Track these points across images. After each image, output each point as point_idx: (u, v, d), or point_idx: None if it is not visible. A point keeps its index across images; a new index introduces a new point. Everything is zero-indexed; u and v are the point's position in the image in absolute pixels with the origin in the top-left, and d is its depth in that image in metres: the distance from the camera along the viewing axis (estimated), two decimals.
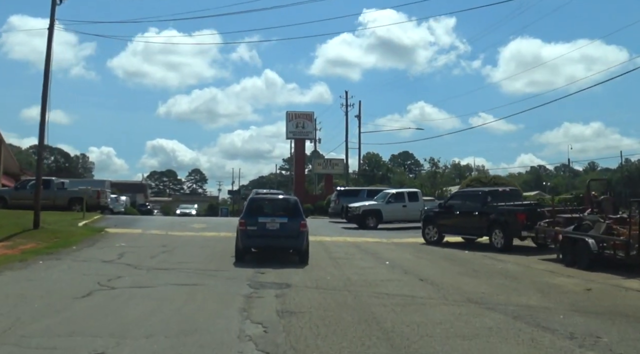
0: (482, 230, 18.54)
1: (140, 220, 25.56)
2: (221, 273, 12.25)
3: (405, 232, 25.04)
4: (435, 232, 20.33)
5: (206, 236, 20.22)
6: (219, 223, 25.59)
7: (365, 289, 10.44)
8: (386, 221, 27.05)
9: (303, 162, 47.01)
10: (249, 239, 14.10)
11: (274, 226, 14.09)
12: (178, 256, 14.97)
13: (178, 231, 21.21)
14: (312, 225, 28.27)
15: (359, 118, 53.24)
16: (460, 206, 19.54)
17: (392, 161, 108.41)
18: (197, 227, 23.31)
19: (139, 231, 20.75)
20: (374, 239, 21.63)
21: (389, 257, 15.95)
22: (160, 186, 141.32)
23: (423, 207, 27.07)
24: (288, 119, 45.42)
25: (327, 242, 19.64)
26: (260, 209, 14.91)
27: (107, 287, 10.19)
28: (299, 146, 45.59)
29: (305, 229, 14.23)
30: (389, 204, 26.91)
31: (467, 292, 10.26)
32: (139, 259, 14.06)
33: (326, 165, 45.64)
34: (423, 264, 14.70)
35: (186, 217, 37.86)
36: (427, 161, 57.33)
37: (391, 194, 27.40)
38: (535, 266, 14.32)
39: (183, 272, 12.26)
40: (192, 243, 18.07)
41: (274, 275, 12.05)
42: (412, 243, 20.65)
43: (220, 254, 15.62)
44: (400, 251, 17.92)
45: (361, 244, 19.46)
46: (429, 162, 55.66)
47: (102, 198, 27.23)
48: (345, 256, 15.89)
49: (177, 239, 19.08)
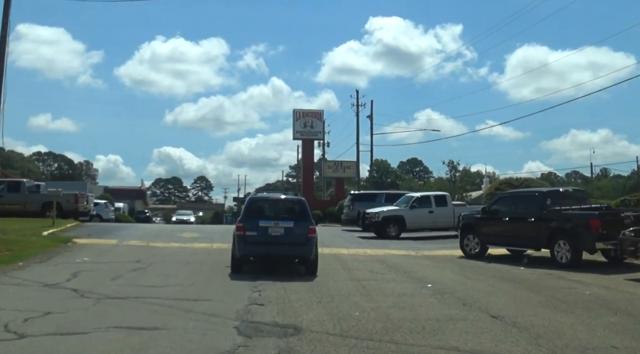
0: (541, 241, 14.71)
1: (123, 228, 21.91)
2: (200, 305, 8.51)
3: (434, 243, 21.24)
4: (476, 243, 16.52)
5: (195, 248, 16.50)
6: (214, 232, 21.88)
7: (420, 338, 6.66)
8: (410, 229, 23.25)
9: (312, 164, 43.19)
10: (248, 246, 11.89)
11: (277, 232, 11.95)
12: (150, 277, 11.26)
13: (162, 242, 17.51)
14: (323, 234, 24.51)
15: (370, 119, 49.52)
16: (509, 210, 15.72)
17: (401, 167, 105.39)
18: (187, 236, 19.60)
19: (114, 241, 17.07)
20: (399, 251, 17.84)
21: (428, 277, 12.18)
22: (165, 193, 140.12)
23: (453, 213, 23.31)
24: (295, 117, 41.56)
25: (344, 256, 15.88)
26: (262, 211, 12.70)
27: (13, 335, 6.48)
28: (307, 147, 41.80)
29: (314, 236, 12.17)
30: (413, 209, 23.10)
31: (584, 345, 6.45)
32: (94, 282, 10.37)
33: (337, 168, 41.81)
34: (479, 288, 10.89)
35: (181, 225, 33.77)
36: (444, 164, 53.28)
37: (415, 198, 23.58)
38: (637, 292, 10.48)
39: (146, 304, 8.53)
40: (175, 257, 14.35)
41: (277, 306, 8.38)
42: (447, 257, 16.85)
43: (207, 273, 11.91)
44: (438, 267, 14.13)
45: (386, 259, 15.69)
46: (447, 165, 51.71)
47: (81, 203, 23.59)
48: (372, 276, 12.12)
49: (158, 252, 15.37)
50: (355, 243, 20.14)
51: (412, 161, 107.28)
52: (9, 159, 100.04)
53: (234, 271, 11.97)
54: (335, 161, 42.88)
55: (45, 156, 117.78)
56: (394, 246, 19.36)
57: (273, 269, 12.40)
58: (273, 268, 12.58)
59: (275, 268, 12.56)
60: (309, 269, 12.09)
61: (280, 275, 11.64)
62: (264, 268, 12.55)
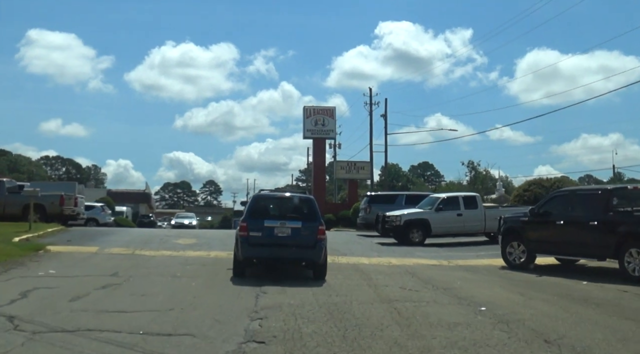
0: (606, 249, 12.02)
1: (112, 233, 19.44)
2: (175, 345, 5.97)
3: (464, 250, 18.59)
4: (522, 251, 13.88)
5: (188, 257, 13.96)
6: (214, 238, 19.35)
7: None
8: (435, 234, 20.60)
9: (323, 165, 40.44)
10: (252, 248, 11.03)
11: (284, 233, 11.11)
12: (121, 297, 8.74)
13: (151, 250, 14.99)
14: (337, 240, 21.89)
15: (385, 117, 46.82)
16: (564, 212, 13.04)
17: (412, 171, 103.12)
18: (183, 243, 17.08)
19: (94, 249, 14.57)
20: (428, 260, 15.22)
21: (477, 296, 9.57)
22: (174, 197, 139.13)
23: (483, 216, 20.65)
24: (306, 115, 38.57)
25: (365, 268, 13.29)
26: (267, 210, 11.86)
27: None
28: (319, 146, 39.14)
29: (323, 237, 11.35)
30: (439, 212, 20.44)
31: None
32: (45, 305, 7.88)
33: (349, 169, 39.07)
34: (550, 313, 8.26)
35: (179, 230, 30.36)
36: (463, 164, 50.16)
37: (442, 200, 20.90)
38: None
39: (98, 341, 6.01)
40: (162, 269, 11.82)
41: (283, 347, 5.89)
42: (487, 267, 14.23)
43: (196, 291, 9.37)
44: (483, 282, 11.50)
45: (416, 270, 13.08)
46: (467, 165, 48.72)
47: (67, 205, 21.17)
48: (406, 295, 9.53)
49: (142, 262, 12.86)
50: (375, 251, 17.53)
51: (424, 164, 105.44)
52: (16, 163, 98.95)
53: (236, 275, 11.10)
54: (349, 162, 40.05)
55: (53, 160, 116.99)
56: (421, 254, 16.74)
57: (278, 276, 11.22)
58: (278, 272, 11.59)
59: (281, 274, 11.44)
60: (317, 274, 11.24)
61: (287, 284, 9.55)
62: (268, 273, 11.46)
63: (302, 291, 9.60)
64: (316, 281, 10.85)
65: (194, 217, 49.14)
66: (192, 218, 47.89)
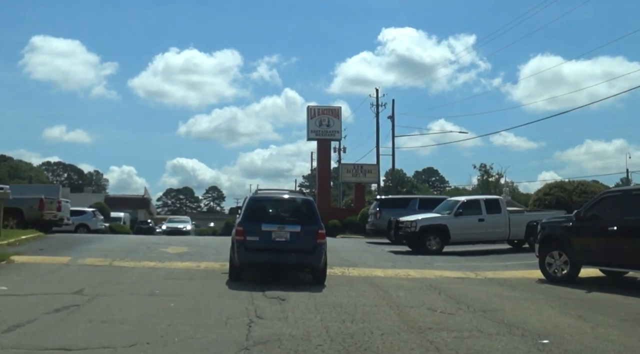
0: None
1: (93, 241, 17.42)
2: None
3: (488, 259, 16.58)
4: (564, 261, 11.85)
5: (174, 269, 11.96)
6: (209, 245, 17.33)
7: None
8: (454, 241, 18.55)
9: (328, 168, 38.18)
10: (249, 253, 10.58)
11: (282, 237, 10.71)
12: (74, 324, 6.75)
13: (133, 260, 13.00)
14: (346, 248, 19.80)
15: (392, 119, 44.97)
16: (617, 216, 11.00)
17: (416, 177, 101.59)
18: (172, 252, 15.07)
19: (66, 259, 12.57)
20: (452, 272, 13.19)
21: (526, 320, 7.59)
22: (176, 203, 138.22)
23: (507, 221, 18.64)
24: (310, 115, 36.01)
25: (382, 282, 11.27)
26: (264, 212, 11.41)
27: None
28: (323, 148, 36.87)
29: (323, 241, 10.93)
30: (458, 217, 18.40)
31: None
32: None
33: (356, 172, 36.93)
34: (632, 347, 6.25)
35: (172, 237, 26.60)
36: (475, 168, 47.80)
37: (461, 203, 18.84)
38: None
39: None
40: (139, 285, 9.83)
41: None
42: (522, 280, 12.22)
43: (173, 315, 7.36)
44: (527, 301, 9.47)
45: (441, 285, 11.07)
46: (479, 169, 46.39)
47: (48, 209, 19.22)
48: (438, 321, 7.51)
49: (118, 275, 10.87)
50: (389, 261, 15.50)
51: (428, 170, 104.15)
52: (17, 168, 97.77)
53: (232, 279, 10.65)
54: (355, 164, 37.76)
55: (54, 166, 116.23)
56: (442, 265, 14.73)
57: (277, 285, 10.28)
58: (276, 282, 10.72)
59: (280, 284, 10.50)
60: (316, 278, 10.87)
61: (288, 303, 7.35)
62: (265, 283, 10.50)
63: (306, 315, 7.62)
64: (319, 287, 10.13)
65: (188, 221, 43.13)
66: (187, 223, 41.90)
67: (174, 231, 36.66)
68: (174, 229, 37.90)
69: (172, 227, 39.17)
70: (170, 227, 39.06)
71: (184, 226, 39.73)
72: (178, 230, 37.45)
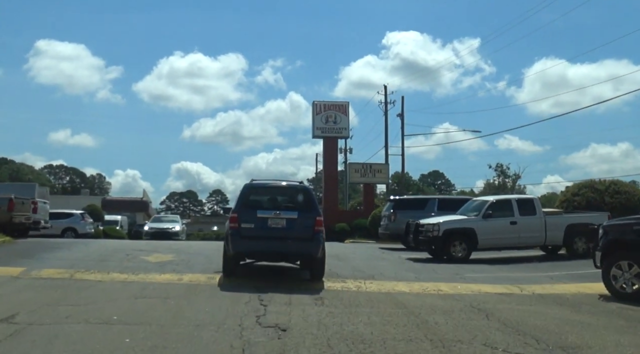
0: None
1: (66, 247, 15.03)
2: None
3: (527, 269, 14.22)
4: (634, 274, 9.47)
5: (149, 284, 9.58)
6: (200, 252, 14.95)
7: None
8: (483, 247, 16.18)
9: (335, 167, 35.52)
10: (243, 241, 10.00)
11: (278, 224, 10.16)
12: None
13: (102, 272, 10.63)
14: (358, 255, 17.15)
15: (401, 117, 42.47)
16: None
17: (422, 180, 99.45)
18: (154, 260, 12.71)
19: (17, 271, 10.20)
20: (491, 286, 10.80)
21: None
22: (180, 207, 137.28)
23: (544, 224, 16.26)
24: (315, 111, 33.26)
25: (409, 300, 8.90)
26: (260, 200, 10.88)
27: None
28: (330, 146, 33.76)
29: (321, 229, 10.32)
30: (487, 219, 16.00)
31: None
32: None
33: (365, 172, 34.46)
34: None
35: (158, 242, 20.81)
36: (490, 168, 44.97)
37: (490, 204, 16.42)
38: None
39: None
40: (95, 308, 7.48)
41: None
42: (579, 296, 9.89)
43: None
44: (610, 329, 7.10)
45: (485, 305, 8.70)
46: (495, 169, 43.70)
47: (20, 211, 16.90)
48: None
49: (73, 294, 8.52)
50: (411, 271, 13.12)
51: (434, 173, 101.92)
52: (18, 171, 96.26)
53: (226, 274, 10.27)
54: (364, 164, 35.23)
55: (56, 169, 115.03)
56: (474, 276, 12.36)
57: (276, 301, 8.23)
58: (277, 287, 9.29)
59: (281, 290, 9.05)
60: (314, 272, 10.49)
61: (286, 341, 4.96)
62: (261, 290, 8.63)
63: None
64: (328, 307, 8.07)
65: (177, 221, 33.50)
66: (175, 222, 32.47)
67: (158, 233, 28.83)
68: (158, 231, 29.53)
69: (156, 228, 30.43)
70: (154, 228, 30.34)
71: (171, 226, 30.94)
72: (163, 232, 29.31)
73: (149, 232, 29.94)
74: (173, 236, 28.78)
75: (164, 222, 32.24)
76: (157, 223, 32.13)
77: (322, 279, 10.55)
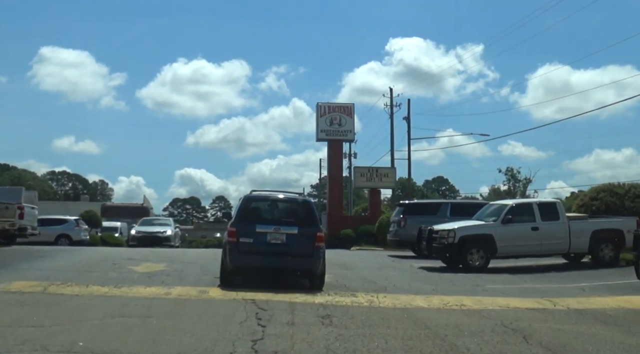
0: None
1: (50, 256, 13.76)
2: None
3: (553, 278, 13.03)
4: None
5: (132, 299, 8.37)
6: (194, 261, 13.72)
7: None
8: (502, 255, 14.94)
9: (340, 171, 34.15)
10: (242, 256, 9.86)
11: (278, 239, 9.98)
12: None
13: (80, 284, 9.44)
14: (367, 263, 15.58)
15: (407, 120, 41.18)
16: None
17: (426, 186, 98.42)
18: (142, 270, 11.50)
19: None
20: (520, 300, 9.57)
21: None
22: (183, 213, 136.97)
23: (567, 230, 15.01)
24: (319, 113, 31.71)
25: (430, 317, 7.69)
26: (259, 213, 10.64)
27: None
28: (335, 149, 32.18)
29: (321, 245, 10.20)
30: (506, 225, 14.77)
31: None
32: None
33: (371, 176, 33.17)
34: None
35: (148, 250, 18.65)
36: (500, 172, 43.35)
37: (510, 208, 15.17)
38: None
39: None
40: (60, 330, 6.29)
41: None
42: (626, 313, 8.66)
43: None
44: None
45: (519, 324, 7.49)
46: (505, 173, 42.16)
47: (3, 217, 15.75)
48: None
49: (43, 310, 7.33)
50: (427, 282, 11.90)
51: (438, 179, 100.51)
52: (20, 177, 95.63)
53: (224, 284, 9.90)
54: (370, 168, 33.95)
55: (59, 175, 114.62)
56: (497, 288, 11.13)
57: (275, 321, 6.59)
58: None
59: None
60: (314, 283, 10.18)
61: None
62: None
63: None
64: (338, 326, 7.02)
65: (170, 224, 29.51)
66: (167, 225, 28.40)
67: (146, 238, 25.14)
68: (147, 235, 25.73)
69: (144, 232, 26.40)
70: (142, 233, 26.35)
71: (162, 230, 26.76)
72: (152, 236, 25.42)
73: (135, 236, 26.05)
74: (164, 242, 25.27)
75: (154, 226, 28.13)
76: (146, 226, 27.94)
77: (330, 293, 9.42)
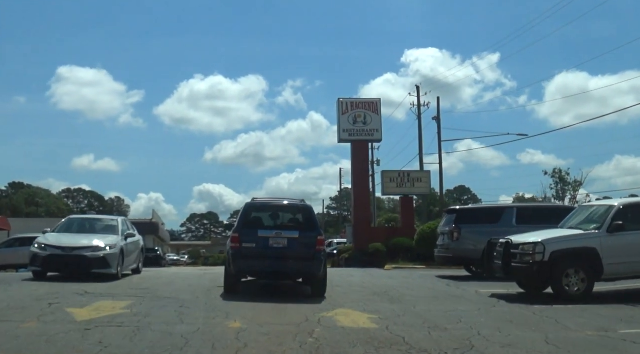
0: None
1: None
2: None
3: None
4: None
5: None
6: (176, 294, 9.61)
7: None
8: (608, 276, 10.61)
9: (367, 175, 29.61)
10: (245, 261, 10.28)
11: (279, 243, 10.33)
12: None
13: None
14: (414, 292, 10.82)
15: (437, 120, 37.12)
16: None
17: (448, 196, 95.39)
18: (84, 316, 7.09)
19: None
20: None
21: None
22: (201, 229, 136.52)
23: None
24: (341, 110, 27.11)
25: None
26: (261, 219, 11.07)
27: None
28: (360, 151, 27.66)
29: (322, 248, 10.60)
30: (614, 234, 10.45)
31: None
32: None
33: (402, 181, 28.70)
34: None
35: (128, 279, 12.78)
36: (546, 174, 38.79)
37: (617, 211, 10.76)
38: None
39: None
40: None
41: None
42: None
43: None
44: None
45: None
46: (552, 175, 37.31)
47: None
48: None
49: None
50: (524, 325, 7.67)
51: (460, 188, 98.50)
52: (34, 196, 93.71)
53: (228, 291, 10.34)
54: (400, 171, 29.39)
55: (75, 192, 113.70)
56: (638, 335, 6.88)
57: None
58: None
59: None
60: (316, 290, 10.44)
61: None
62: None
63: None
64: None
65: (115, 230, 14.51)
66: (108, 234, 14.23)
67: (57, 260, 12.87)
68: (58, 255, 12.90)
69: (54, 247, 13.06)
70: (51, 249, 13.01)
71: (93, 243, 13.31)
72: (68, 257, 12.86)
73: (38, 255, 12.93)
74: (94, 267, 12.80)
75: (80, 235, 14.17)
76: (63, 236, 13.81)
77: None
